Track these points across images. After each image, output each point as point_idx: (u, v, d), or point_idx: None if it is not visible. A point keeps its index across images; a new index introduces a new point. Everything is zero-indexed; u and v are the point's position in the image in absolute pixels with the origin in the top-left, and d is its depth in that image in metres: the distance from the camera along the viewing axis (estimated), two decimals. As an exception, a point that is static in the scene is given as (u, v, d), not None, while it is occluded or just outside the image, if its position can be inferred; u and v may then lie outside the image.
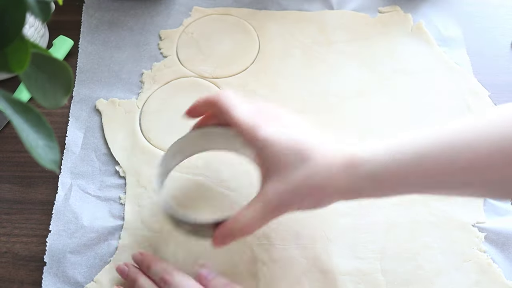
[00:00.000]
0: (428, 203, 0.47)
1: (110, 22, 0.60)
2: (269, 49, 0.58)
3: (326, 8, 0.62)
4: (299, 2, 0.62)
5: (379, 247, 0.45)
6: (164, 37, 0.59)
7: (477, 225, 0.46)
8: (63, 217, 0.47)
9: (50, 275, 0.44)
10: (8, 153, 0.51)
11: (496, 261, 0.45)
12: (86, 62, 0.57)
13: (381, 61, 0.57)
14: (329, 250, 0.45)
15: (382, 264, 0.44)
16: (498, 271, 0.44)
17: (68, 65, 0.30)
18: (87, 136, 0.52)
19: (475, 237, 0.46)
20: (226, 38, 0.59)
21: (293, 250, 0.45)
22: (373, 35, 0.59)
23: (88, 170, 0.50)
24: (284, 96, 0.54)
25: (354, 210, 0.47)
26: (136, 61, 0.57)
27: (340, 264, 0.44)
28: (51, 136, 0.29)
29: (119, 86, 0.55)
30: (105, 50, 0.58)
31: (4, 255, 0.46)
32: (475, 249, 0.45)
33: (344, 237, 0.46)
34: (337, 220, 0.47)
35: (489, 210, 0.47)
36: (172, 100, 0.54)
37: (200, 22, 0.60)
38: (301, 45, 0.58)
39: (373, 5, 0.62)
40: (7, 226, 0.47)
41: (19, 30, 0.25)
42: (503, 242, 0.45)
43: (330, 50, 0.58)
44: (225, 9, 0.61)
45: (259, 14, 0.61)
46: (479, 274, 0.44)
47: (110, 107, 0.54)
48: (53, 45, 0.57)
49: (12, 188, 0.49)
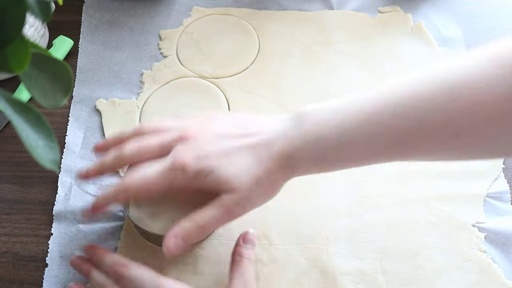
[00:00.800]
0: (428, 203, 0.47)
1: (110, 22, 0.60)
2: (269, 49, 0.58)
3: (326, 8, 0.62)
4: (299, 2, 0.62)
5: (379, 247, 0.45)
6: (164, 37, 0.59)
7: (477, 225, 0.46)
8: (64, 218, 0.47)
9: (52, 276, 0.44)
10: (8, 153, 0.51)
11: (496, 261, 0.45)
12: (86, 62, 0.57)
13: (381, 61, 0.57)
14: (329, 250, 0.45)
15: (382, 264, 0.44)
16: (498, 271, 0.44)
17: (68, 65, 0.30)
18: (87, 136, 0.52)
19: (475, 237, 0.46)
20: (226, 38, 0.59)
21: (293, 251, 0.45)
22: (373, 35, 0.59)
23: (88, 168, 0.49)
24: (284, 96, 0.54)
25: (354, 210, 0.47)
26: (136, 61, 0.57)
27: (340, 264, 0.44)
28: (51, 136, 0.29)
29: (119, 86, 0.55)
30: (105, 50, 0.58)
31: (4, 255, 0.46)
32: (475, 249, 0.45)
33: (344, 237, 0.46)
34: (337, 220, 0.47)
35: (489, 210, 0.47)
36: (172, 100, 0.54)
37: (200, 22, 0.60)
38: (301, 45, 0.58)
39: (373, 5, 0.62)
40: (7, 226, 0.47)
41: (19, 30, 0.25)
42: (503, 242, 0.45)
43: (330, 50, 0.58)
44: (225, 9, 0.61)
45: (259, 14, 0.61)
46: (479, 274, 0.44)
47: (110, 107, 0.54)
48: (53, 45, 0.57)
49: (12, 188, 0.49)
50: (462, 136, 0.33)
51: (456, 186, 0.48)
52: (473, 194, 0.48)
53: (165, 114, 0.53)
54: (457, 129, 0.33)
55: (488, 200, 0.48)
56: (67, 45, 0.57)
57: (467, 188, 0.48)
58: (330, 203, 0.47)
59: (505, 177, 0.49)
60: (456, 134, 0.33)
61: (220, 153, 0.38)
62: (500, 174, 0.49)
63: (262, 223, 0.46)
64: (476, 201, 0.48)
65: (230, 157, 0.38)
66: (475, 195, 0.48)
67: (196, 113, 0.52)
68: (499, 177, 0.49)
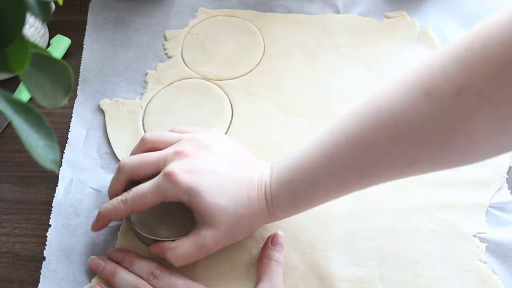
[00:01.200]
0: (429, 211, 0.47)
1: (115, 21, 0.60)
2: (274, 51, 0.58)
3: (332, 12, 0.61)
4: (305, 5, 0.62)
5: (378, 254, 0.45)
6: (170, 38, 0.59)
7: (478, 235, 0.46)
8: (63, 212, 0.47)
9: (49, 270, 0.44)
10: (8, 153, 0.51)
11: (496, 272, 0.44)
12: (91, 60, 0.57)
13: (387, 66, 0.57)
14: (327, 256, 0.45)
15: (381, 272, 0.44)
16: (498, 282, 0.43)
17: (68, 65, 0.30)
18: (89, 134, 0.52)
19: (476, 247, 0.45)
20: (231, 39, 0.59)
21: (291, 255, 0.45)
22: (379, 40, 0.59)
23: (89, 166, 0.50)
24: (288, 99, 0.54)
25: (353, 216, 0.47)
26: (140, 60, 0.57)
27: (338, 271, 0.44)
28: (51, 136, 0.29)
29: (123, 85, 0.55)
30: (110, 49, 0.58)
31: (4, 255, 0.46)
32: (476, 259, 0.44)
33: (343, 243, 0.45)
34: (336, 226, 0.46)
35: (491, 220, 0.47)
36: (175, 101, 0.54)
37: (206, 23, 0.60)
38: (306, 48, 0.58)
39: (380, 10, 0.62)
40: (7, 226, 0.47)
41: (19, 30, 0.25)
42: (504, 253, 0.45)
43: (335, 53, 0.58)
44: (230, 11, 0.61)
45: (264, 16, 0.61)
46: (479, 285, 0.43)
47: (113, 106, 0.54)
48: (51, 44, 0.57)
49: (12, 188, 0.49)
50: (415, 164, 0.35)
51: (458, 195, 0.48)
52: (475, 203, 0.47)
53: (168, 115, 0.53)
54: (411, 159, 0.35)
55: (490, 210, 0.47)
56: (65, 44, 0.57)
57: (469, 197, 0.48)
58: (329, 208, 0.47)
59: (508, 188, 0.48)
60: (410, 164, 0.35)
61: (213, 179, 0.40)
62: (504, 184, 0.48)
63: (262, 227, 0.46)
64: (478, 210, 0.47)
65: (221, 187, 0.39)
66: (477, 204, 0.47)
67: (199, 115, 0.53)
68: (503, 187, 0.48)
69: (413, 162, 0.35)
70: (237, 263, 0.44)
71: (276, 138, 0.52)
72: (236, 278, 0.44)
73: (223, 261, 0.44)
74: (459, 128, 0.32)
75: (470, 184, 0.48)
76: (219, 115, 0.53)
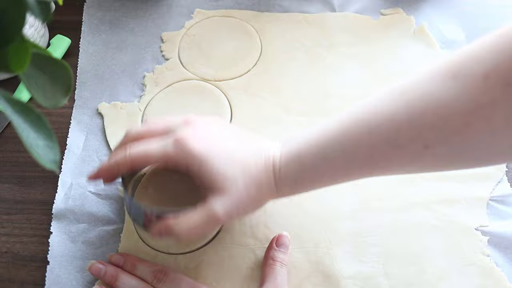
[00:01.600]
0: (431, 206, 0.47)
1: (111, 23, 0.60)
2: (271, 51, 0.58)
3: (328, 11, 0.61)
4: (301, 4, 0.62)
5: (382, 251, 0.45)
6: (166, 39, 0.59)
7: (480, 229, 0.46)
8: (63, 218, 0.46)
9: (53, 274, 0.44)
10: (8, 153, 0.51)
11: (499, 264, 0.44)
12: (87, 63, 0.57)
13: (383, 63, 0.57)
14: (331, 254, 0.45)
15: (385, 268, 0.44)
16: (501, 275, 0.43)
17: (68, 65, 0.29)
18: (88, 138, 0.52)
19: (478, 241, 0.45)
20: (228, 40, 0.59)
21: (295, 254, 0.45)
22: (375, 38, 0.59)
23: (89, 170, 0.49)
24: (286, 98, 0.54)
25: (357, 213, 0.47)
26: (137, 63, 0.57)
27: (342, 268, 0.44)
28: (51, 136, 0.29)
29: (121, 88, 0.55)
30: (106, 51, 0.58)
31: (4, 255, 0.45)
32: (478, 252, 0.45)
33: (347, 240, 0.45)
34: (340, 224, 0.46)
35: (492, 213, 0.47)
36: (174, 103, 0.54)
37: (202, 24, 0.60)
38: (303, 47, 0.58)
39: (375, 7, 0.62)
40: (7, 226, 0.47)
41: (19, 30, 0.25)
42: (507, 245, 0.45)
43: (332, 52, 0.58)
44: (227, 11, 0.61)
45: (261, 16, 0.61)
46: (482, 278, 0.43)
47: (112, 110, 0.53)
48: (51, 44, 0.57)
49: (12, 188, 0.49)
50: (430, 149, 0.34)
51: (459, 189, 0.48)
52: (476, 197, 0.47)
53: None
54: (426, 142, 0.34)
55: (491, 204, 0.47)
56: (65, 44, 0.57)
57: (470, 191, 0.48)
58: (333, 206, 0.47)
59: (508, 180, 0.48)
60: (425, 147, 0.34)
61: (223, 147, 0.39)
62: (504, 177, 0.49)
63: (265, 227, 0.46)
64: (479, 204, 0.47)
65: (231, 156, 0.38)
66: (478, 198, 0.47)
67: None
68: (502, 180, 0.48)
69: (427, 146, 0.34)
70: (241, 264, 0.44)
71: (276, 138, 0.51)
72: (240, 279, 0.43)
73: (227, 262, 0.44)
74: (481, 112, 0.31)
75: (470, 178, 0.48)
76: (218, 116, 0.53)
